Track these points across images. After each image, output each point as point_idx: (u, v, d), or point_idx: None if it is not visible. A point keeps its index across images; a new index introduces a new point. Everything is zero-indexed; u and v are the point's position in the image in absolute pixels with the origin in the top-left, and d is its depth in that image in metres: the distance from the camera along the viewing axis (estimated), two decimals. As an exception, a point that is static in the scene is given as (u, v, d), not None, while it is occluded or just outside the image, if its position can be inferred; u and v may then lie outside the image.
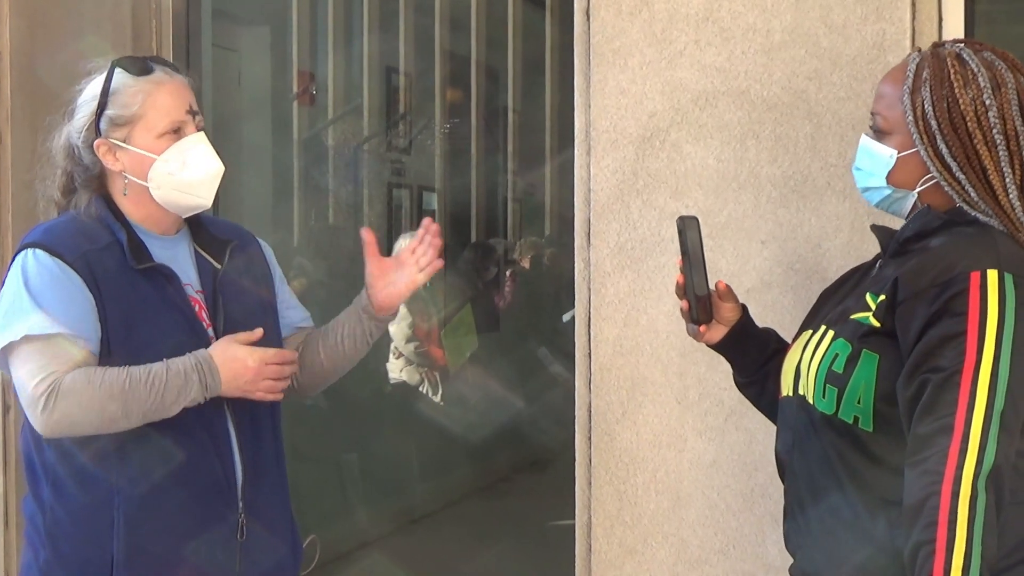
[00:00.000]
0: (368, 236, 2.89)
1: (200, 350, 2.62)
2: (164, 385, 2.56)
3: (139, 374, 2.56)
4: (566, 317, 7.73)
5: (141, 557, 2.63)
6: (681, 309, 2.53)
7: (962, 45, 2.29)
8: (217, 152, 2.75)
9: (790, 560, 2.45)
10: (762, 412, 2.65)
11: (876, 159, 2.31)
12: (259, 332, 2.68)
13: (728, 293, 2.54)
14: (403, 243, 7.93)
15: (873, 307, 2.22)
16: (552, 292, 8.83)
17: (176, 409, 2.59)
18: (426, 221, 2.87)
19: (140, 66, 2.70)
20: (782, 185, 3.23)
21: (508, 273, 9.04)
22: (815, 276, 3.16)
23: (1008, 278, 2.10)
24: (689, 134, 3.28)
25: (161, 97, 2.68)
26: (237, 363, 2.62)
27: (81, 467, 2.63)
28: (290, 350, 2.76)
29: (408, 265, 2.85)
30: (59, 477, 2.64)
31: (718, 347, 2.59)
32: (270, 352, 2.67)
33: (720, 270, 3.20)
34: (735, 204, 3.25)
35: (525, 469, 7.74)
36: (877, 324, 2.20)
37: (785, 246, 3.22)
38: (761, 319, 2.89)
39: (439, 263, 2.85)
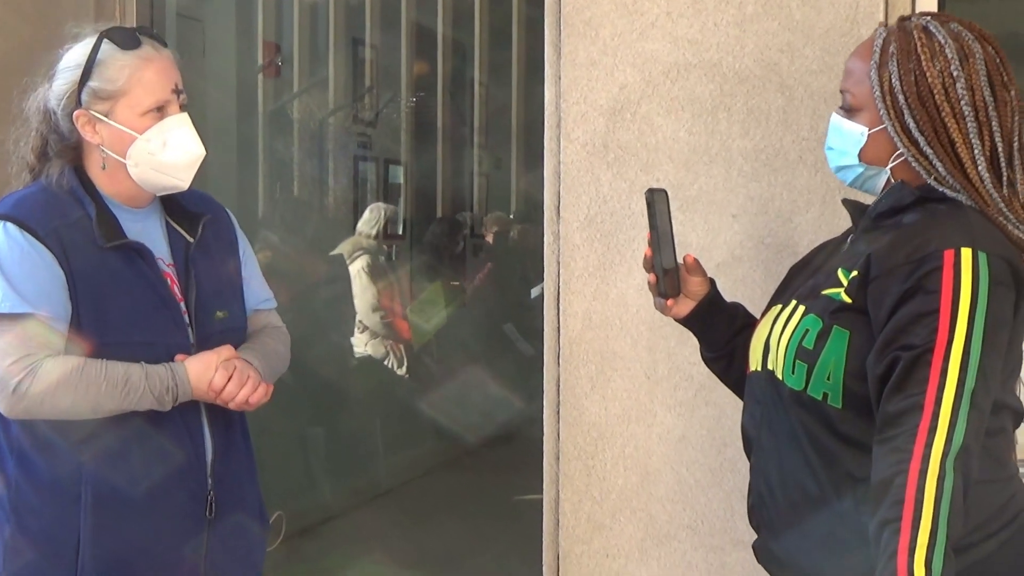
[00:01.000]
0: None
1: (179, 366, 2.59)
2: (139, 398, 2.55)
3: (116, 377, 2.53)
4: (534, 292, 7.73)
5: (109, 533, 2.60)
6: (648, 282, 2.51)
7: (929, 18, 2.27)
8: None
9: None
10: (729, 387, 2.64)
11: (847, 137, 2.30)
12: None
13: (696, 267, 2.52)
14: (372, 212, 7.94)
15: (845, 283, 2.21)
16: (519, 267, 8.82)
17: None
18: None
19: (129, 39, 2.64)
20: (753, 159, 3.21)
21: (487, 267, 9.00)
22: (786, 250, 3.15)
23: (982, 256, 2.09)
24: (660, 106, 3.26)
25: (148, 74, 2.63)
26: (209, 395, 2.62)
27: (48, 442, 2.59)
28: (263, 390, 2.72)
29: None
30: (25, 452, 2.61)
31: (685, 321, 2.56)
32: (243, 392, 2.64)
33: (690, 244, 3.19)
34: (706, 177, 3.23)
35: (492, 443, 7.73)
36: (849, 300, 2.19)
37: (756, 220, 3.21)
38: (731, 293, 2.87)
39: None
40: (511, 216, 10.49)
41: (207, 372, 2.61)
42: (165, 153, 2.63)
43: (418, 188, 9.79)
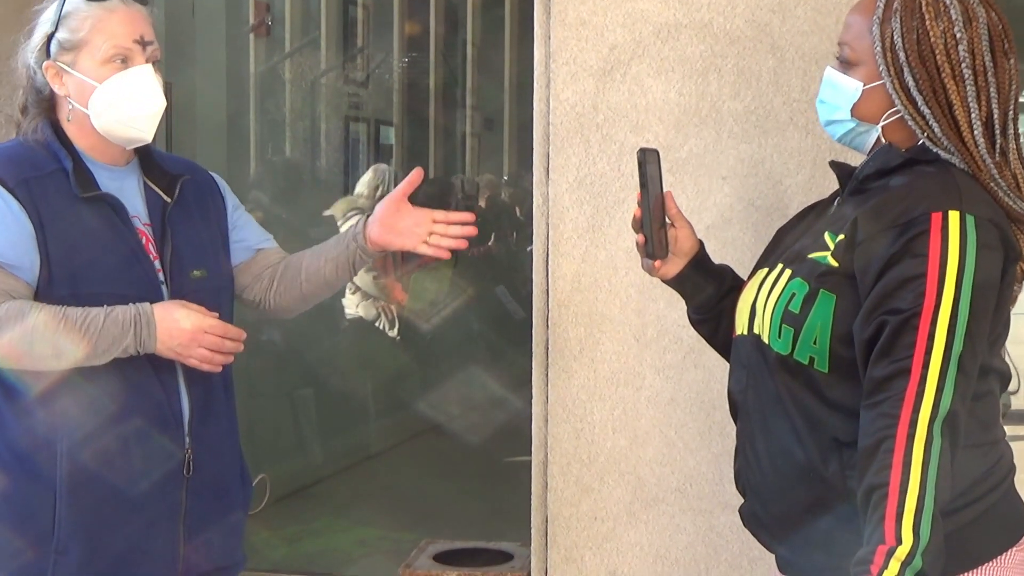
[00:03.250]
0: (415, 176, 2.82)
1: (144, 304, 2.58)
2: (99, 332, 2.52)
3: (75, 317, 2.51)
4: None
5: (85, 492, 2.59)
6: (637, 243, 2.48)
7: None
8: (168, 87, 2.70)
9: (745, 499, 2.44)
10: (716, 350, 2.62)
11: (841, 91, 2.27)
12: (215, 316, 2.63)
13: (679, 215, 2.49)
14: (375, 173, 7.90)
15: (831, 246, 2.19)
16: (510, 228, 8.80)
17: (107, 358, 2.55)
18: (468, 216, 2.81)
19: None
20: (744, 120, 3.19)
21: (489, 243, 8.96)
22: (776, 213, 3.13)
23: (970, 219, 2.07)
24: (650, 67, 3.23)
25: (110, 24, 2.63)
26: (173, 323, 2.57)
27: (23, 398, 2.58)
28: (236, 328, 2.67)
29: (420, 227, 2.79)
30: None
31: (673, 282, 2.54)
32: (209, 321, 2.59)
33: (680, 206, 3.12)
34: (696, 139, 3.21)
35: (481, 406, 7.73)
36: (835, 264, 2.17)
37: (746, 182, 3.19)
38: (721, 255, 2.85)
39: (444, 254, 2.81)
40: (505, 178, 10.47)
41: (171, 305, 2.58)
42: (124, 104, 2.63)
43: (410, 149, 9.76)
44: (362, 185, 8.01)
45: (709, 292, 2.52)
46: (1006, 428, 2.31)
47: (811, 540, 2.25)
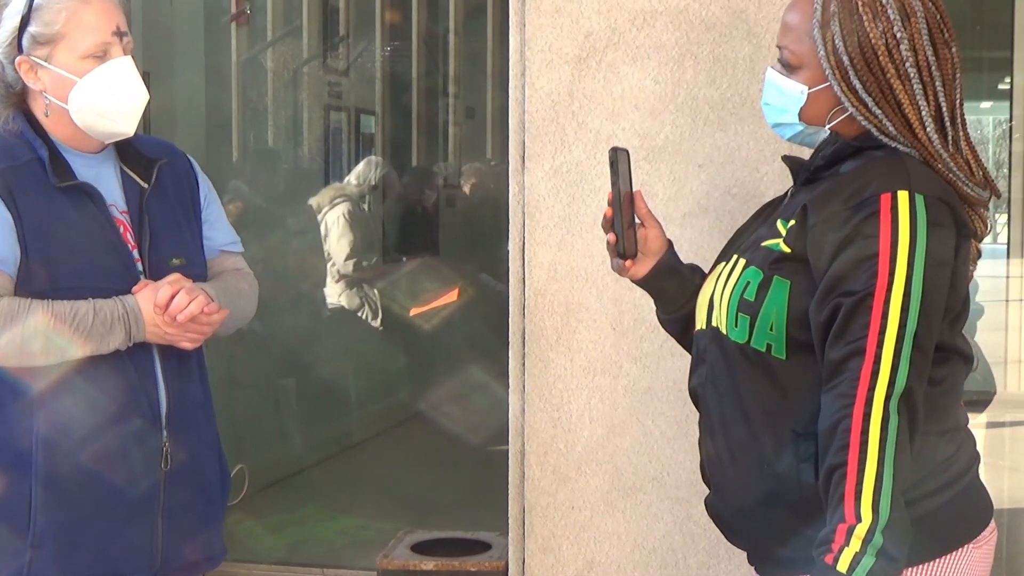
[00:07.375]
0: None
1: (128, 297, 2.57)
2: (88, 330, 2.52)
3: (64, 315, 2.50)
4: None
5: (61, 486, 2.58)
6: (608, 243, 2.46)
7: None
8: (146, 76, 2.66)
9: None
10: (685, 349, 2.60)
11: (786, 95, 2.27)
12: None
13: (648, 215, 2.48)
14: (363, 166, 7.91)
15: (783, 233, 2.20)
16: (493, 217, 8.78)
17: (99, 352, 2.55)
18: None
19: None
20: (720, 107, 3.18)
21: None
22: (753, 200, 3.11)
23: (919, 198, 2.07)
24: (626, 55, 3.22)
25: (86, 16, 2.59)
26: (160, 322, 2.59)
27: None
28: (215, 305, 2.67)
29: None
30: None
31: (643, 282, 2.53)
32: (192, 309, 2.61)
33: (656, 194, 3.16)
34: (672, 127, 3.20)
35: (463, 394, 7.72)
36: (788, 249, 2.17)
37: (723, 170, 3.18)
38: (697, 244, 2.84)
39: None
40: (493, 164, 10.43)
41: (153, 294, 2.58)
42: (106, 98, 2.60)
43: (391, 138, 9.74)
44: (354, 175, 8.03)
45: (678, 290, 2.51)
46: (997, 414, 2.30)
47: (766, 534, 2.26)
